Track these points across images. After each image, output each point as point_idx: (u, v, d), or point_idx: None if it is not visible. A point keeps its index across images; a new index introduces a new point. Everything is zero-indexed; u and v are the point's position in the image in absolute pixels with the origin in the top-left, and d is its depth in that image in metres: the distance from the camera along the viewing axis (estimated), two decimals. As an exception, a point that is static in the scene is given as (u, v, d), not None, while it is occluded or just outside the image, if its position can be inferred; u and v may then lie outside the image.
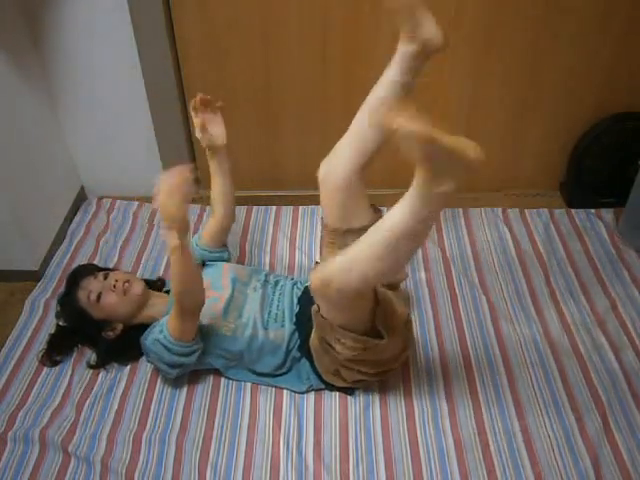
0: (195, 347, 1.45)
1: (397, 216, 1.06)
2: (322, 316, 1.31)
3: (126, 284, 1.53)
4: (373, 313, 1.31)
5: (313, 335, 1.44)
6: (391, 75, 1.35)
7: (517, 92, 2.00)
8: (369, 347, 1.32)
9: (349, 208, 1.45)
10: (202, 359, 1.51)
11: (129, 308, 1.54)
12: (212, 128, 1.57)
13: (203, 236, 1.70)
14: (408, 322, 1.43)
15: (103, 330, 1.56)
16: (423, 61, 1.33)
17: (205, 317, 1.49)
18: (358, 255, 1.13)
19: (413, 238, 1.09)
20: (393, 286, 1.57)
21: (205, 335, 1.49)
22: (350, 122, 1.42)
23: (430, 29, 1.29)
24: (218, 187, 1.65)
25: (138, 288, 1.55)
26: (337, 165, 1.42)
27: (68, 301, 1.58)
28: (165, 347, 1.43)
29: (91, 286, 1.54)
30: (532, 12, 1.81)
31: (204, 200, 1.71)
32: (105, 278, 1.55)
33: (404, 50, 1.31)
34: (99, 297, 1.51)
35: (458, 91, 1.97)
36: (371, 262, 1.11)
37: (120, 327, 1.56)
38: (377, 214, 1.48)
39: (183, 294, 1.35)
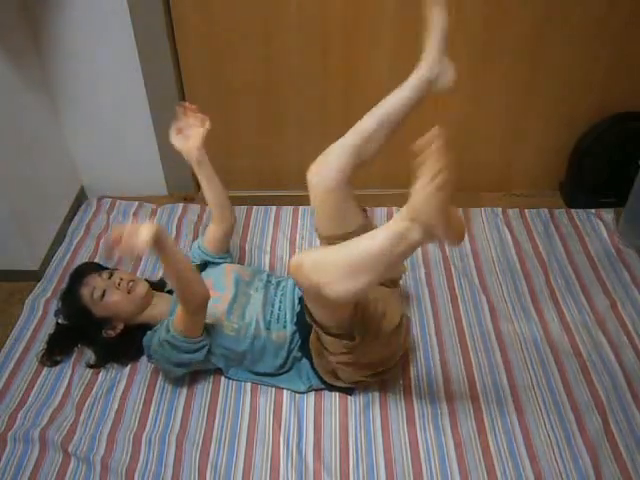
0: (204, 342, 1.46)
1: (371, 242, 1.10)
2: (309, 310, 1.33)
3: (130, 283, 1.53)
4: (352, 316, 1.31)
5: (312, 335, 1.44)
6: (406, 91, 1.41)
7: (517, 92, 2.00)
8: (349, 348, 1.33)
9: (340, 211, 1.45)
10: (205, 359, 1.50)
11: (132, 307, 1.54)
12: (187, 131, 1.55)
13: (206, 241, 1.70)
14: (400, 326, 1.41)
15: (104, 329, 1.55)
16: (427, 91, 1.42)
17: (208, 317, 1.48)
18: (327, 256, 1.17)
19: (369, 269, 1.11)
20: (393, 282, 1.57)
21: (208, 335, 1.48)
22: (350, 122, 1.41)
23: (449, 69, 1.41)
24: (209, 194, 1.64)
25: (142, 288, 1.54)
26: (328, 166, 1.42)
27: (70, 297, 1.56)
28: (174, 346, 1.43)
29: (95, 283, 1.53)
30: (532, 12, 1.81)
31: (204, 200, 1.70)
32: (110, 276, 1.55)
33: (421, 73, 1.40)
34: (103, 295, 1.51)
35: (458, 91, 1.97)
36: (332, 269, 1.13)
37: (121, 326, 1.55)
38: (366, 220, 1.49)
39: (182, 290, 1.34)
